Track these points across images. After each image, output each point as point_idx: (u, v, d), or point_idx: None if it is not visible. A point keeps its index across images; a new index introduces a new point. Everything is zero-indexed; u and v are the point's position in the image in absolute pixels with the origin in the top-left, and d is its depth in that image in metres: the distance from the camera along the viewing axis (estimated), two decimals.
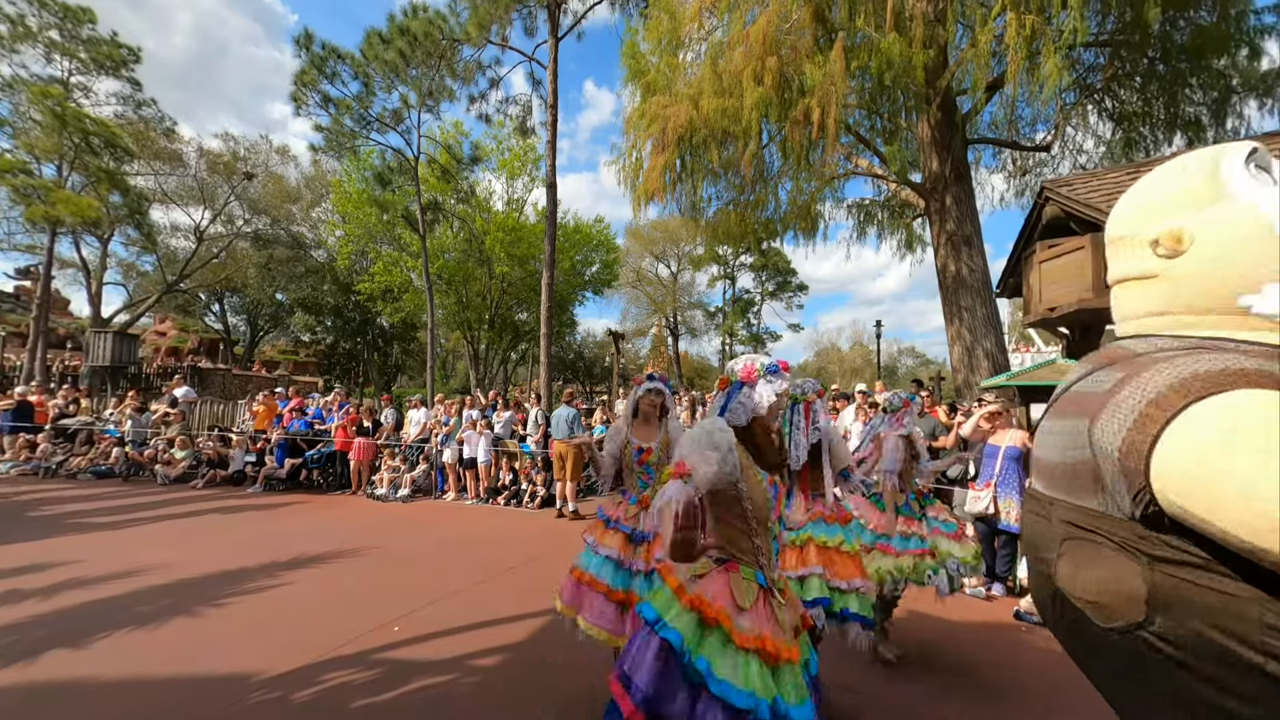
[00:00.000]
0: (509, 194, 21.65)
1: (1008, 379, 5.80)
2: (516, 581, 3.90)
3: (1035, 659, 2.91)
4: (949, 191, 8.10)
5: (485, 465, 7.15)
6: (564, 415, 6.20)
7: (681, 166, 9.90)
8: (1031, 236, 6.35)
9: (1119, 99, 7.75)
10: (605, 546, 2.30)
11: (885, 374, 26.50)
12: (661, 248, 30.54)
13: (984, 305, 7.91)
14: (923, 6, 6.76)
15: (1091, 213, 4.90)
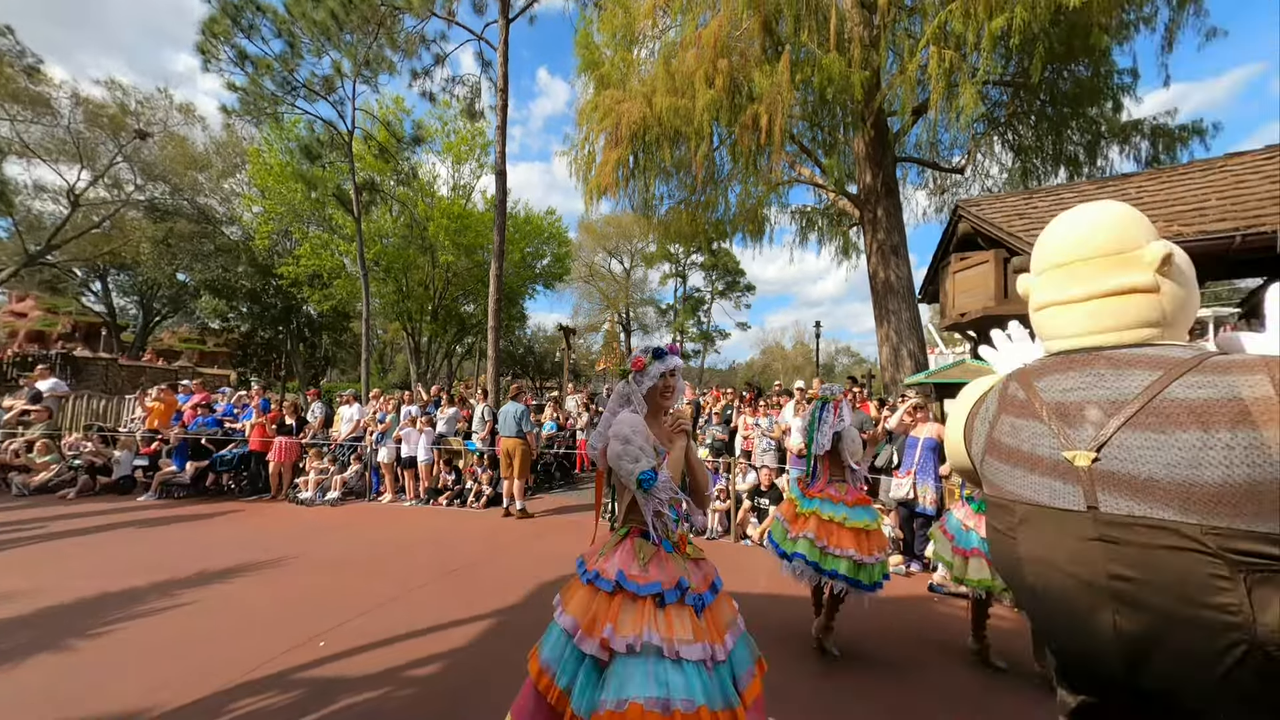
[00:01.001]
0: (455, 179, 20.57)
1: (926, 376, 6.42)
2: (460, 584, 3.75)
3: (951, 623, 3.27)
4: (880, 204, 8.79)
5: (426, 464, 6.78)
6: (512, 411, 6.02)
7: (634, 163, 9.93)
8: (948, 249, 7.06)
9: (1018, 133, 8.88)
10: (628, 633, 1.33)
11: (824, 372, 28.33)
12: (615, 243, 30.49)
13: (908, 309, 8.68)
14: (860, 31, 7.27)
15: (995, 231, 5.53)
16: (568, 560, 4.38)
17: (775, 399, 7.09)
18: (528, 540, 4.97)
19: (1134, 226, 0.99)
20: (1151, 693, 0.86)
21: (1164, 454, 0.81)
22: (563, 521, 5.83)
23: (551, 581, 3.78)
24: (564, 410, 10.18)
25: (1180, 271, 0.94)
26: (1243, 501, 0.74)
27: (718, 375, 35.93)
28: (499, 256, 9.97)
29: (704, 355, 32.76)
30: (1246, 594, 0.73)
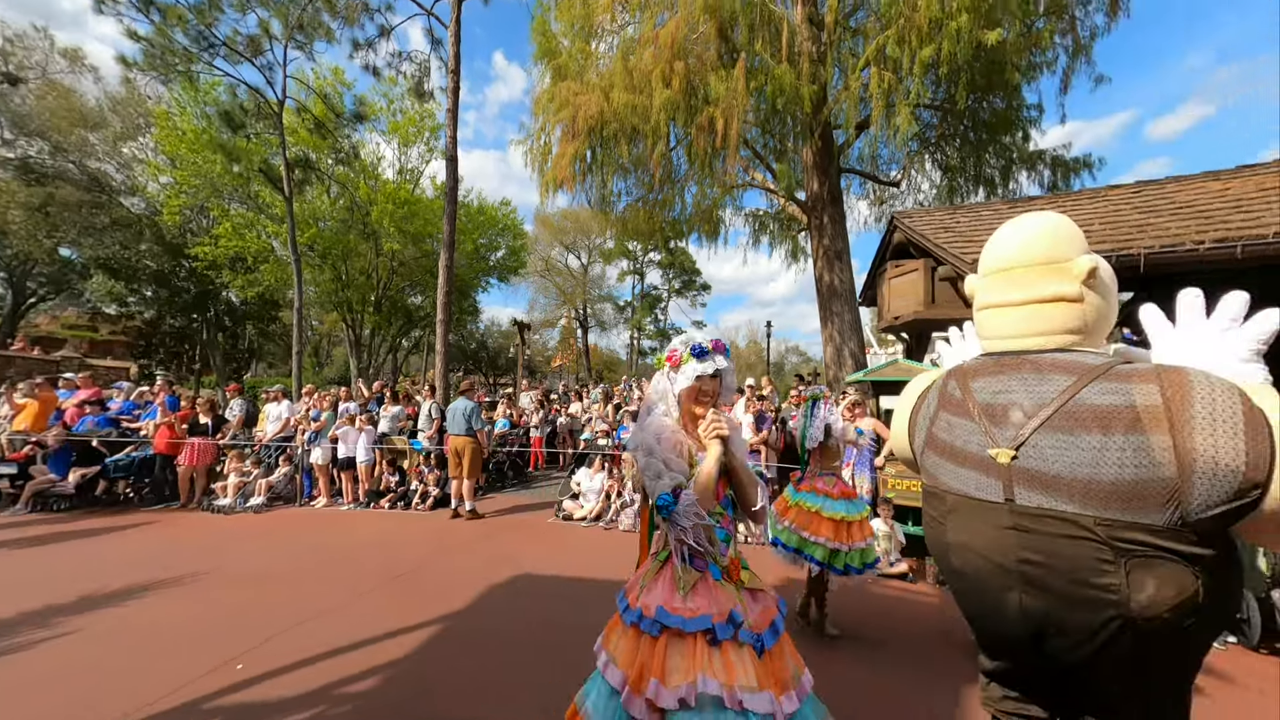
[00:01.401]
0: (402, 162, 19.35)
1: (864, 375, 6.88)
2: (404, 590, 3.57)
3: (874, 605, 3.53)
4: (826, 211, 9.29)
5: (366, 465, 6.37)
6: (461, 408, 5.78)
7: (592, 158, 9.83)
8: (884, 257, 7.60)
9: (946, 154, 9.77)
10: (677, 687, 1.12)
11: (774, 370, 29.56)
12: (572, 238, 30.04)
13: (850, 312, 9.26)
14: (809, 46, 7.63)
15: (924, 242, 6.01)
16: (519, 561, 4.31)
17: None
18: (477, 541, 4.81)
19: (1068, 239, 1.10)
20: (1050, 658, 0.99)
21: (1070, 454, 0.92)
22: (515, 521, 5.70)
23: (502, 583, 3.70)
24: (518, 407, 9.92)
25: (1103, 284, 1.06)
26: (1130, 497, 0.85)
27: None
28: (449, 246, 9.51)
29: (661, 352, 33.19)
30: (1125, 576, 0.85)
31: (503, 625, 3.03)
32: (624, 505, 5.49)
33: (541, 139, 10.69)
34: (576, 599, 3.46)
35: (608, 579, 3.84)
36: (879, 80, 6.46)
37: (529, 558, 4.27)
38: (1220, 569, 0.84)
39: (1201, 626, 0.86)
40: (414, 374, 24.87)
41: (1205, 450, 0.81)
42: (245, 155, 13.92)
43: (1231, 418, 0.81)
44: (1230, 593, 0.89)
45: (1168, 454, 0.83)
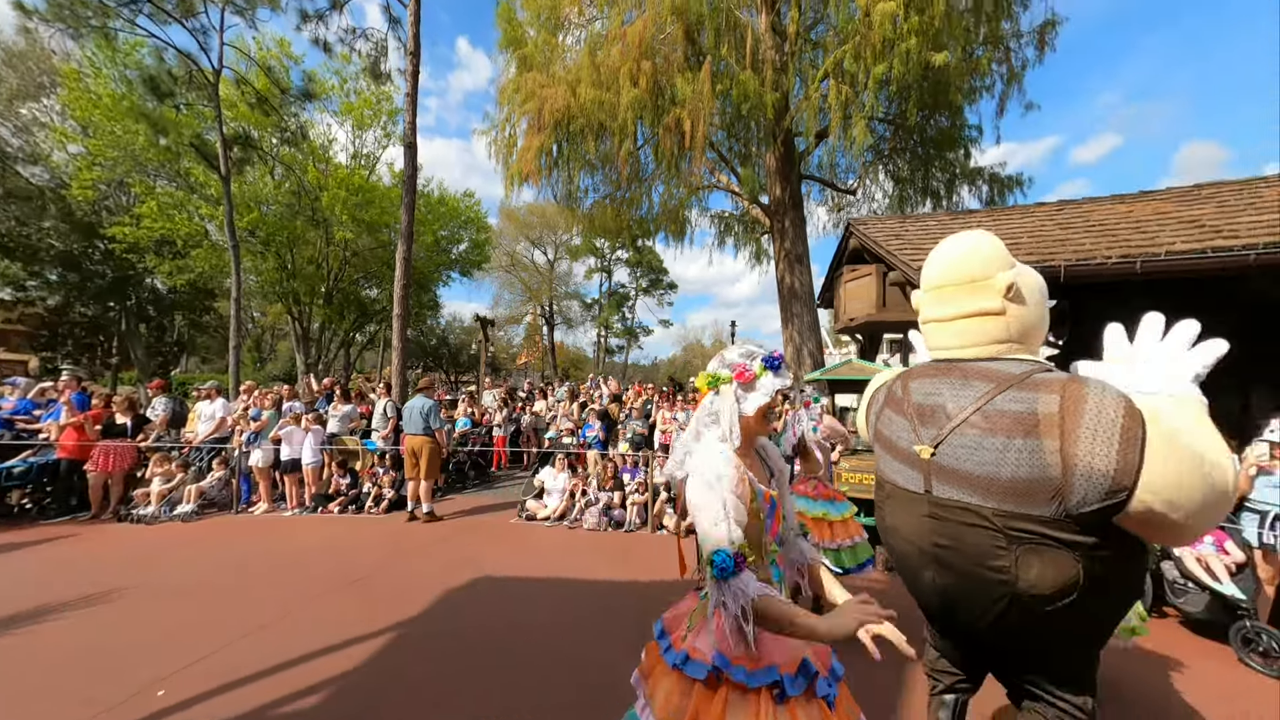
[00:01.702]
0: (357, 147, 18.29)
1: (822, 374, 7.20)
2: (354, 598, 3.39)
3: None
4: (788, 216, 9.63)
5: (313, 467, 5.99)
6: (419, 406, 5.55)
7: (558, 152, 9.71)
8: (841, 260, 7.97)
9: (897, 166, 10.39)
10: None
11: None
12: (539, 233, 29.49)
13: (809, 313, 9.65)
14: (772, 55, 7.88)
15: (877, 249, 6.35)
16: (479, 563, 4.20)
17: (692, 395, 7.45)
18: (434, 545, 4.65)
19: (987, 258, 1.24)
20: (961, 628, 1.15)
21: (978, 455, 1.06)
22: (475, 523, 5.55)
23: (460, 586, 3.59)
24: (480, 405, 9.64)
25: (1025, 296, 1.19)
26: (1022, 493, 0.99)
27: (641, 371, 36.65)
28: (407, 237, 9.09)
29: (628, 351, 33.17)
30: (1015, 560, 1.00)
31: (460, 630, 2.95)
32: (588, 504, 5.48)
33: (506, 130, 10.43)
34: (539, 600, 3.43)
35: (572, 578, 3.82)
36: (837, 92, 6.78)
37: (490, 559, 4.18)
38: (1109, 556, 0.97)
39: (1093, 604, 1.00)
40: (369, 371, 23.62)
41: (1084, 457, 0.94)
42: (174, 128, 12.61)
43: (1110, 429, 0.94)
44: (1124, 576, 1.02)
45: (1055, 457, 0.96)
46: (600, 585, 3.70)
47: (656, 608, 3.64)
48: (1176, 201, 5.21)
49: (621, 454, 6.41)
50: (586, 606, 3.31)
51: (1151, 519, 0.91)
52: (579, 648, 2.75)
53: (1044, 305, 1.24)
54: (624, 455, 6.33)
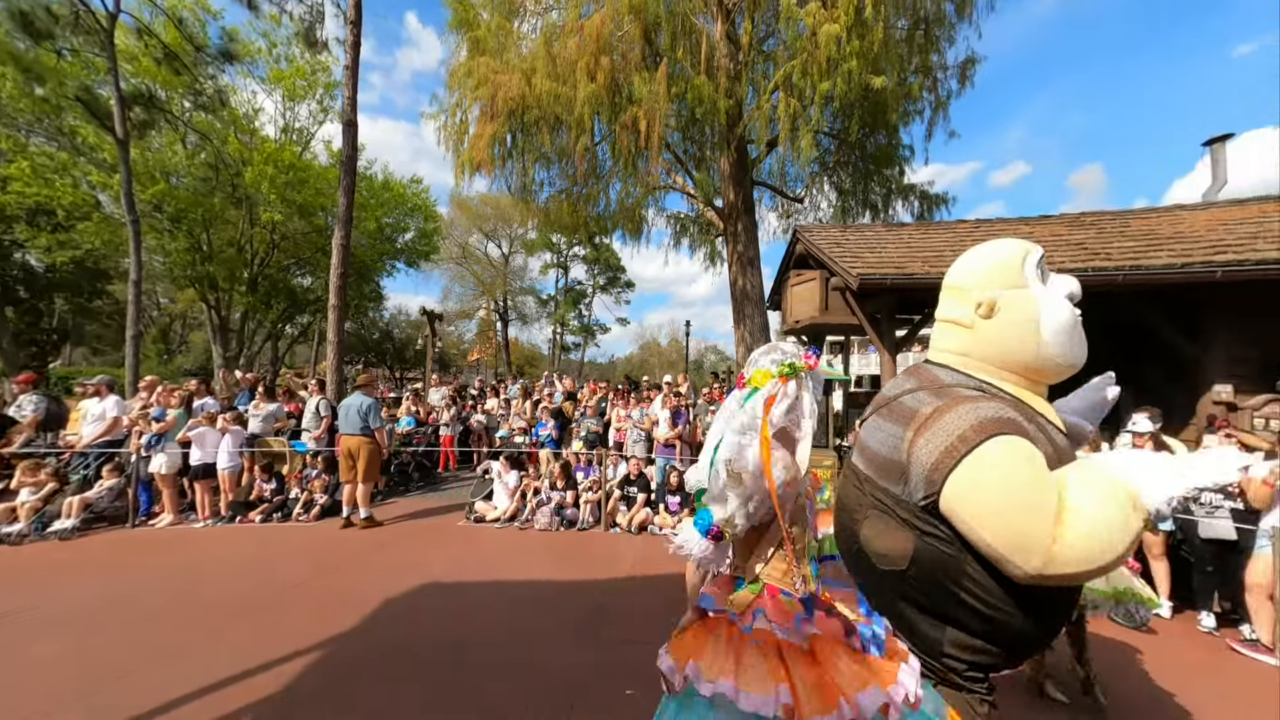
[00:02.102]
0: (288, 120, 16.74)
1: None
2: (278, 615, 3.14)
3: None
4: (740, 220, 9.96)
5: (231, 472, 5.45)
6: (356, 404, 5.20)
7: (512, 142, 9.44)
8: (788, 265, 8.37)
9: (840, 178, 11.09)
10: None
11: (693, 368, 30.92)
12: (492, 225, 28.43)
13: (760, 315, 10.05)
14: (727, 63, 8.12)
15: (821, 255, 6.73)
16: (422, 569, 4.04)
17: (646, 393, 7.54)
18: (371, 552, 4.39)
19: (978, 269, 1.29)
20: (849, 567, 1.38)
21: (875, 435, 1.26)
22: (419, 527, 5.30)
23: (400, 595, 3.43)
24: (426, 403, 9.18)
25: (1003, 319, 1.21)
26: (883, 468, 1.19)
27: (598, 369, 36.47)
28: (345, 223, 8.46)
29: (584, 348, 32.89)
30: (864, 518, 1.23)
31: (404, 642, 2.82)
32: (540, 504, 5.40)
33: (457, 116, 9.96)
34: (489, 605, 3.35)
35: (523, 580, 3.76)
36: (786, 105, 7.11)
37: (436, 564, 4.02)
38: (939, 543, 1.13)
39: (920, 580, 1.17)
40: (301, 366, 21.71)
41: (919, 450, 1.11)
42: (54, 76, 10.76)
43: (947, 435, 1.08)
44: (948, 566, 1.13)
45: (905, 445, 1.14)
46: (552, 586, 3.67)
47: (610, 605, 3.67)
48: (1068, 225, 5.95)
49: (575, 452, 6.37)
50: (539, 608, 3.29)
51: (954, 521, 1.06)
52: (533, 651, 2.73)
53: (1028, 338, 1.21)
54: (578, 454, 6.29)
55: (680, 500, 5.39)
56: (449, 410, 8.31)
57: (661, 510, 5.38)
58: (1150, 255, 4.62)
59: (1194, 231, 5.00)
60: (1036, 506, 0.97)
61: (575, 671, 2.51)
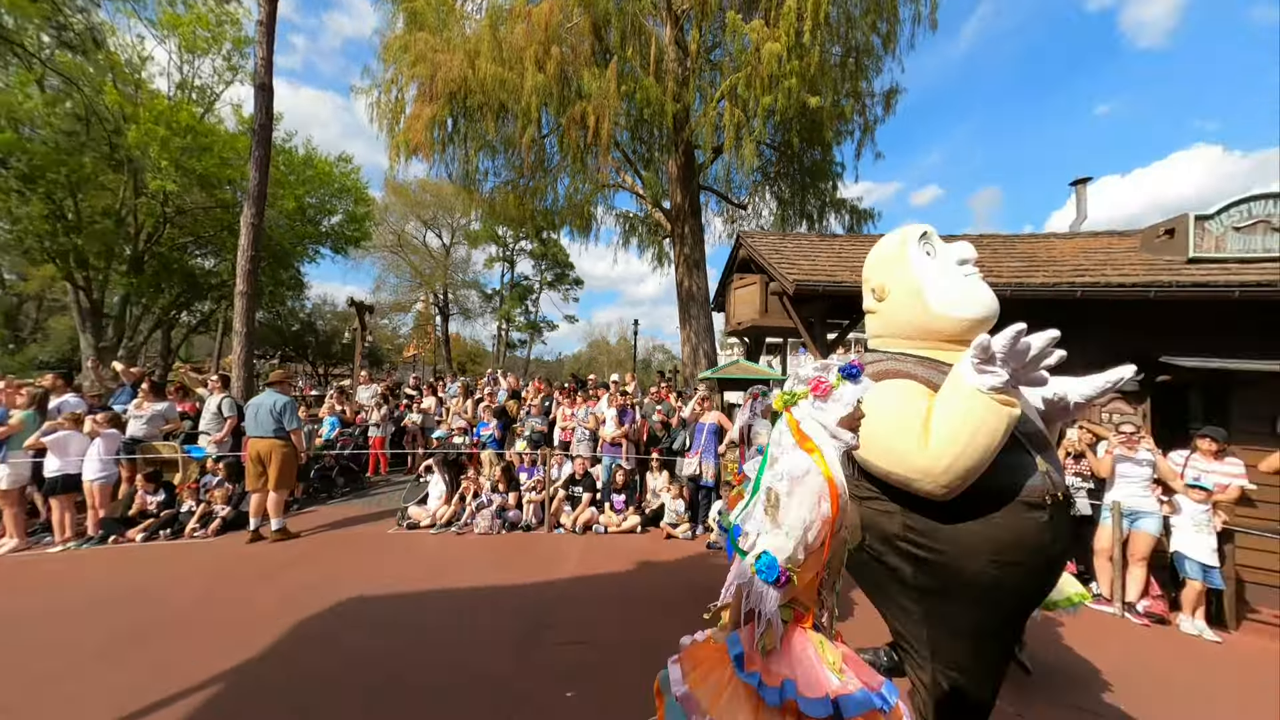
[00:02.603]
0: (186, 75, 14.56)
1: (713, 373, 7.81)
2: (168, 646, 2.74)
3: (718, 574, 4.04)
4: (687, 223, 10.20)
5: (102, 484, 4.66)
6: (268, 404, 4.67)
7: (453, 127, 8.95)
8: (732, 269, 8.72)
9: (780, 189, 11.72)
10: None
11: (641, 366, 31.21)
12: (432, 214, 26.67)
13: (705, 316, 10.36)
14: (675, 68, 8.27)
15: (761, 260, 7.08)
16: (346, 582, 3.74)
17: (593, 391, 7.50)
18: (286, 568, 3.98)
19: (873, 261, 1.57)
20: None
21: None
22: (344, 537, 4.88)
23: (319, 613, 3.14)
24: (354, 402, 8.47)
25: (894, 297, 1.47)
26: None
27: (545, 367, 35.65)
28: (258, 199, 7.57)
29: (530, 345, 32.01)
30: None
31: (317, 664, 2.58)
32: (480, 506, 5.19)
33: (392, 92, 9.25)
34: (419, 616, 3.16)
35: (460, 587, 3.60)
36: (731, 114, 7.38)
37: (362, 577, 3.72)
38: (879, 498, 1.29)
39: (886, 534, 1.29)
40: (201, 360, 19.06)
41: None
42: None
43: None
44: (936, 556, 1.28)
45: None
46: (493, 591, 3.56)
47: (554, 607, 3.61)
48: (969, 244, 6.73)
49: (519, 453, 6.19)
50: (478, 616, 3.17)
51: (866, 468, 1.26)
52: (471, 662, 2.63)
53: (920, 302, 1.42)
54: (521, 454, 6.12)
55: (625, 499, 5.44)
56: (379, 409, 7.71)
57: (607, 509, 5.39)
58: (1030, 275, 5.36)
59: (1062, 256, 5.88)
60: (904, 424, 1.17)
61: (516, 679, 2.45)
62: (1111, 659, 2.91)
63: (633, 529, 5.16)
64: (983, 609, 1.23)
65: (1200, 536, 3.54)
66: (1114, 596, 3.71)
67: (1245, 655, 3.20)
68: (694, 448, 5.48)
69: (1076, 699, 2.49)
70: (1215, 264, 5.05)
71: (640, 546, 4.71)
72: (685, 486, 5.45)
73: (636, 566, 4.17)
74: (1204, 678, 2.88)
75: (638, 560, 4.29)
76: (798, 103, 6.94)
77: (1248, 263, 4.96)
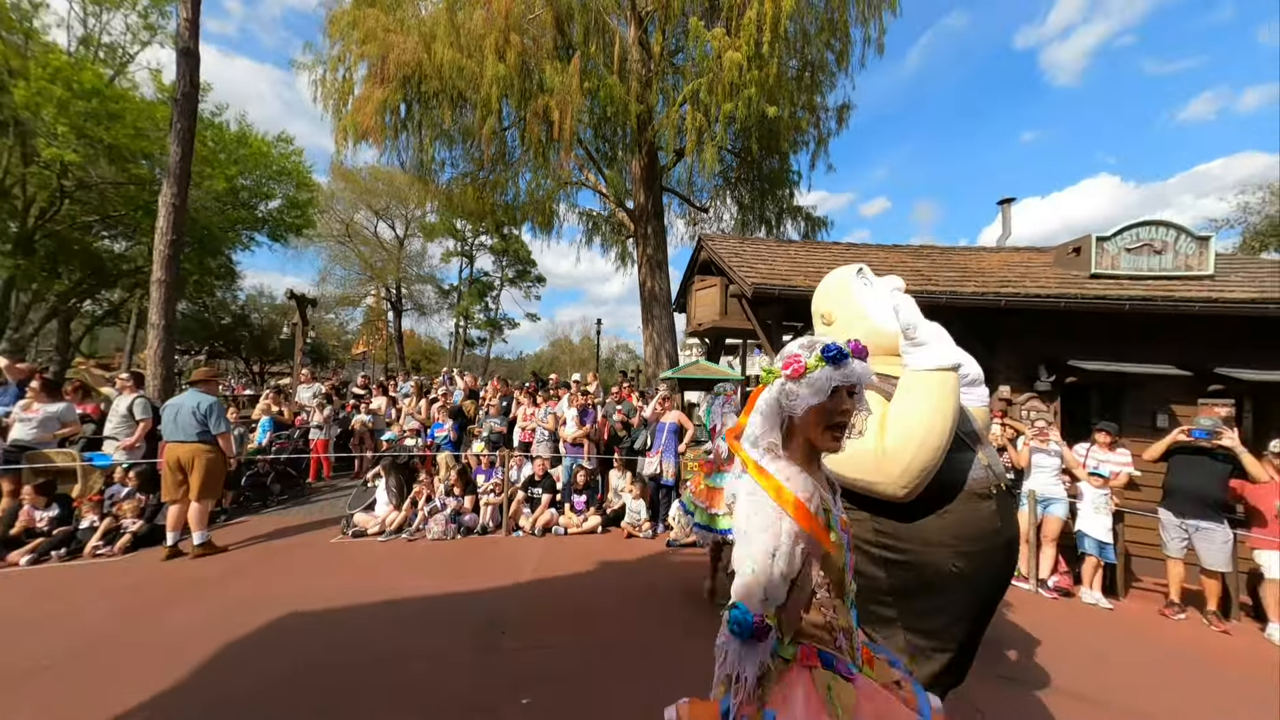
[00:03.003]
0: (91, 30, 12.92)
1: (674, 373, 7.92)
2: (64, 682, 2.42)
3: (685, 569, 4.10)
4: (650, 224, 10.28)
5: None
6: (190, 404, 4.24)
7: (407, 113, 8.53)
8: (693, 270, 8.88)
9: (740, 194, 12.06)
10: None
11: (605, 366, 31.07)
12: (385, 203, 25.17)
13: (667, 317, 10.49)
14: (639, 68, 8.32)
15: (721, 263, 7.26)
16: (280, 599, 3.47)
17: (555, 391, 7.39)
18: (210, 585, 3.63)
19: (821, 293, 1.79)
20: None
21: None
22: (279, 549, 4.52)
23: (251, 634, 2.91)
24: (293, 402, 7.87)
25: (840, 322, 1.69)
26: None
27: (505, 365, 34.73)
28: (179, 177, 6.85)
29: (490, 344, 31.09)
30: None
31: (246, 691, 2.36)
32: (433, 511, 4.98)
33: (339, 71, 8.66)
34: (366, 630, 2.99)
35: (412, 596, 3.44)
36: (693, 118, 7.52)
37: (299, 591, 3.47)
38: (851, 507, 1.38)
39: (860, 543, 1.38)
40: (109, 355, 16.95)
41: None
42: None
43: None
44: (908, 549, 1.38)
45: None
46: (447, 600, 3.44)
47: (511, 612, 3.52)
48: (911, 255, 7.25)
49: (476, 454, 6.00)
50: (430, 626, 3.05)
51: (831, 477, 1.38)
52: (423, 674, 2.52)
53: (864, 321, 1.64)
54: (479, 456, 5.94)
55: (586, 500, 5.41)
56: (322, 410, 7.21)
57: (567, 510, 5.34)
58: (963, 284, 5.85)
59: (990, 269, 6.45)
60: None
61: (470, 690, 2.38)
62: (1027, 630, 3.25)
63: (593, 529, 5.14)
64: (956, 599, 1.31)
65: (1099, 517, 4.02)
66: (1029, 575, 4.13)
67: (1132, 619, 3.69)
68: (654, 447, 5.53)
69: (1001, 670, 2.77)
70: (1112, 280, 5.74)
71: (601, 547, 4.71)
72: (646, 486, 5.49)
73: (597, 567, 4.16)
74: (1099, 640, 3.29)
75: (598, 561, 4.28)
76: (757, 111, 7.17)
77: (1136, 280, 5.68)
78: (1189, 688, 2.74)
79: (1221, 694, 2.70)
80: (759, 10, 6.96)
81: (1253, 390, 5.09)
